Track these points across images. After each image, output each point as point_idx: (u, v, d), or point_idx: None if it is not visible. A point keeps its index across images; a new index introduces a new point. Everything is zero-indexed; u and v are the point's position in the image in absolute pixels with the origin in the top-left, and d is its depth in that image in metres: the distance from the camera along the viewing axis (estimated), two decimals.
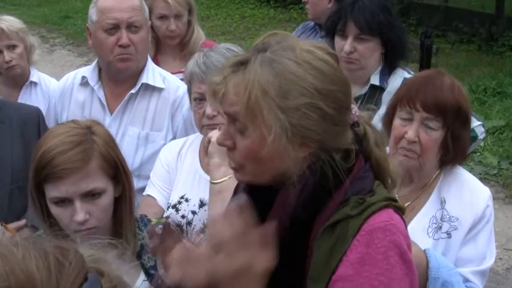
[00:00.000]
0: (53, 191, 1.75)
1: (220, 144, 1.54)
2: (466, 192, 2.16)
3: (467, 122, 2.15)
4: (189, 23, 3.43)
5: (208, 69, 2.27)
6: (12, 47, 3.43)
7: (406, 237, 1.48)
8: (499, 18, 10.56)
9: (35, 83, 3.56)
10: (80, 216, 1.74)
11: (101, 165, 1.76)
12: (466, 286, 2.06)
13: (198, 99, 2.32)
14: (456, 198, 2.14)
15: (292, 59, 1.42)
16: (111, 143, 1.83)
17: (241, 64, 1.44)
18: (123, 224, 1.86)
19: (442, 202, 2.14)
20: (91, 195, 1.76)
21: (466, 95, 2.17)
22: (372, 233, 1.41)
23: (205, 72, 2.27)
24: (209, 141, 2.24)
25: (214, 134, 2.22)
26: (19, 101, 3.44)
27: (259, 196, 1.54)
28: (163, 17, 3.32)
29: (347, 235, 1.41)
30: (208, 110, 2.27)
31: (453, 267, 2.03)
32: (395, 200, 1.52)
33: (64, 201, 1.75)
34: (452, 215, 2.12)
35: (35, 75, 3.59)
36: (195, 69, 2.31)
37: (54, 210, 1.78)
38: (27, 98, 3.50)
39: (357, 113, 1.54)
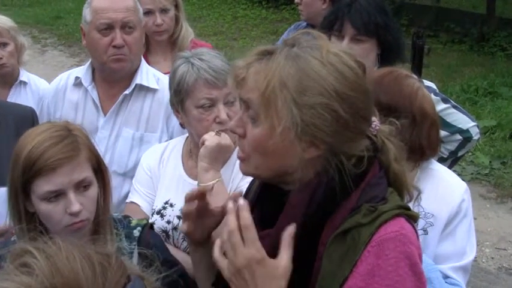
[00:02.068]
0: (45, 185, 1.75)
1: (232, 131, 1.55)
2: (441, 187, 2.17)
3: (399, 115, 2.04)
4: (177, 19, 3.42)
5: (218, 74, 2.22)
6: (2, 45, 3.41)
7: (418, 247, 1.46)
8: (490, 18, 10.62)
9: (25, 83, 3.53)
10: (76, 206, 1.75)
11: (88, 157, 1.81)
12: (446, 282, 2.07)
13: (206, 106, 2.25)
14: (431, 194, 2.13)
15: (318, 58, 1.42)
16: (89, 138, 1.87)
17: (267, 53, 1.45)
18: (100, 223, 1.87)
19: (418, 199, 2.15)
20: (82, 187, 1.79)
21: (388, 88, 2.10)
22: (383, 243, 1.40)
23: (217, 78, 2.21)
24: (203, 143, 2.22)
25: (208, 137, 2.21)
26: (8, 100, 3.41)
27: (269, 198, 1.54)
28: (149, 12, 3.29)
29: (358, 244, 1.40)
30: (223, 115, 2.23)
31: (432, 263, 2.03)
32: (408, 208, 1.50)
33: (56, 196, 1.76)
34: (427, 211, 2.13)
35: (25, 75, 3.57)
36: (203, 74, 2.23)
37: (44, 207, 1.77)
38: (17, 97, 3.47)
39: (377, 127, 1.53)
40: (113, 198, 1.95)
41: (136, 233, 1.96)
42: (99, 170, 1.86)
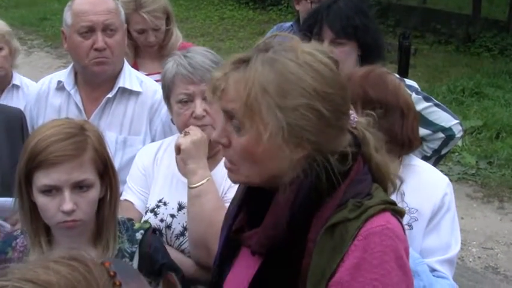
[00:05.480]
0: (44, 179, 1.77)
1: (215, 141, 1.55)
2: (423, 182, 2.19)
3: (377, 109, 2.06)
4: (168, 30, 3.42)
5: (195, 69, 2.25)
6: None
7: (403, 241, 1.47)
8: (476, 19, 10.67)
9: (17, 86, 3.55)
10: (69, 205, 1.76)
11: (93, 159, 1.81)
12: (433, 275, 2.09)
13: (183, 101, 2.28)
14: (414, 190, 2.15)
15: (293, 59, 1.44)
16: (102, 141, 1.88)
17: (243, 62, 1.46)
18: (104, 226, 1.88)
19: (402, 195, 2.14)
20: (79, 187, 1.79)
21: (375, 83, 2.15)
22: (369, 237, 1.41)
23: (193, 73, 2.25)
24: (179, 148, 2.23)
25: (182, 140, 2.23)
26: (0, 103, 3.41)
27: (256, 198, 1.55)
28: (141, 30, 3.32)
29: (345, 239, 1.41)
30: (198, 111, 2.25)
31: (419, 257, 2.05)
32: (393, 203, 1.52)
33: (52, 191, 1.78)
34: (411, 206, 2.15)
35: (17, 78, 3.58)
36: (180, 70, 2.27)
37: (41, 199, 1.79)
38: (9, 101, 3.47)
39: (356, 119, 1.55)
40: None
41: (138, 235, 1.97)
42: (107, 173, 1.86)
